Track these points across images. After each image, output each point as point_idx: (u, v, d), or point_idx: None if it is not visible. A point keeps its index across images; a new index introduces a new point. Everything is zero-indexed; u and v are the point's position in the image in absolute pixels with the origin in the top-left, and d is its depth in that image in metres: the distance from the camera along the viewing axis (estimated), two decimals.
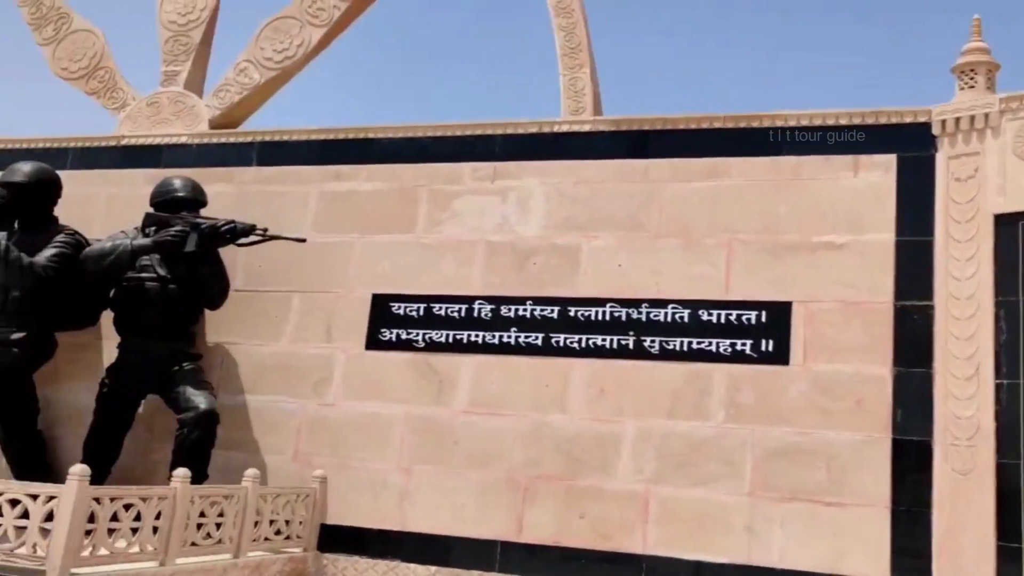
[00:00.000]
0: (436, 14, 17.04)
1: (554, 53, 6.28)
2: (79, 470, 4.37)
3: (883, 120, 5.37)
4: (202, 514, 5.06)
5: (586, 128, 6.00)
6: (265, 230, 6.02)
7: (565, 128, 6.05)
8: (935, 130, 5.27)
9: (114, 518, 4.54)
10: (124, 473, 6.22)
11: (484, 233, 6.04)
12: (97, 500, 4.48)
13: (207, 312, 6.40)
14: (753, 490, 5.15)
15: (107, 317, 6.44)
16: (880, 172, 5.32)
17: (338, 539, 5.88)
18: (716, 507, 5.19)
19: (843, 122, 5.45)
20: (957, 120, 5.18)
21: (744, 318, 5.38)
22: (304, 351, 6.24)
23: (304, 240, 6.10)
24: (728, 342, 5.38)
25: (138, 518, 4.66)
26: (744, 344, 5.35)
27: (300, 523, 5.78)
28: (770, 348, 5.29)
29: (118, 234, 6.27)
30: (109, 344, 6.48)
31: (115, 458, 6.16)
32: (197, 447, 5.77)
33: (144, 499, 4.73)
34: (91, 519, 4.41)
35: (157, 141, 7.13)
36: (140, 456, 6.40)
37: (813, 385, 5.17)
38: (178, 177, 6.43)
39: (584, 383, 5.60)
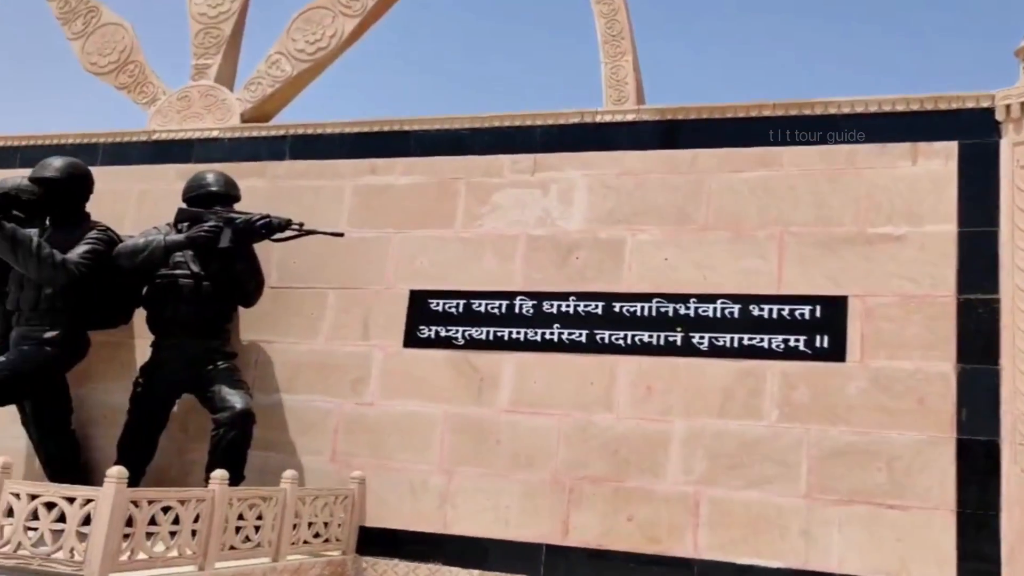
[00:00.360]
0: (470, 4, 16.73)
1: (595, 43, 6.09)
2: (116, 472, 4.25)
3: (943, 105, 5.14)
4: (240, 516, 4.94)
5: (630, 118, 5.81)
6: (301, 225, 5.88)
7: (608, 118, 5.86)
8: (999, 116, 5.03)
9: (152, 521, 4.42)
10: (159, 474, 6.12)
11: (525, 227, 5.87)
12: (135, 503, 4.36)
13: (240, 309, 6.28)
14: (809, 492, 4.96)
15: (140, 315, 6.33)
16: (940, 160, 5.09)
17: (377, 542, 5.73)
18: (771, 509, 5.00)
19: (900, 108, 5.22)
20: (1023, 104, 4.95)
21: (797, 313, 5.18)
22: (341, 349, 6.10)
23: (342, 234, 5.96)
24: (781, 338, 5.18)
25: (176, 521, 4.55)
26: (798, 340, 5.14)
27: (339, 525, 5.65)
28: (825, 344, 5.09)
29: (151, 230, 6.16)
30: (142, 343, 6.37)
31: (150, 458, 6.05)
32: (233, 448, 5.64)
33: (182, 502, 4.61)
34: (128, 522, 4.29)
35: (188, 135, 7.01)
36: (175, 456, 6.30)
37: (872, 383, 4.96)
38: (210, 171, 6.30)
39: (630, 381, 5.42)
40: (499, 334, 5.76)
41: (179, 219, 6.11)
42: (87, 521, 4.18)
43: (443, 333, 5.89)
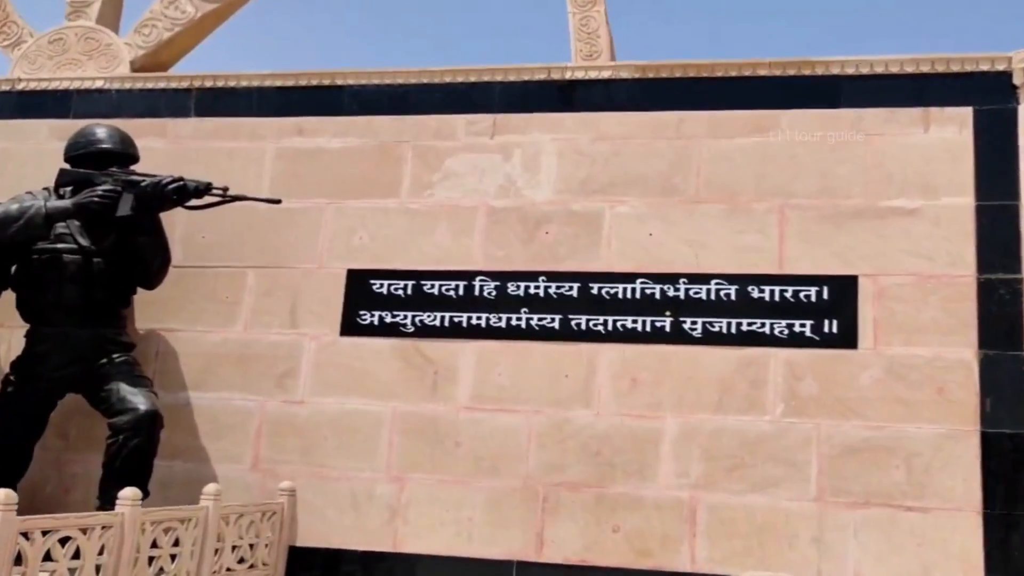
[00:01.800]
0: None
1: None
2: (3, 496, 3.34)
3: (955, 68, 4.72)
4: (154, 543, 4.05)
5: (605, 75, 5.14)
6: (225, 189, 4.91)
7: (580, 75, 5.17)
8: (1016, 79, 4.64)
9: (47, 556, 3.53)
10: (33, 491, 5.06)
11: (484, 197, 5.12)
12: (25, 535, 3.45)
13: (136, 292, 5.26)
14: (821, 495, 4.44)
15: (7, 299, 5.20)
16: (954, 127, 4.67)
17: (311, 564, 4.90)
18: (778, 515, 4.46)
19: (909, 70, 4.77)
20: None
21: (803, 295, 4.65)
22: (264, 338, 5.19)
23: (279, 201, 5.03)
24: (784, 323, 4.64)
25: (77, 555, 3.65)
26: (803, 325, 4.62)
27: (266, 546, 4.78)
28: (834, 329, 4.58)
29: (23, 195, 5.05)
30: (12, 333, 5.27)
31: (22, 473, 4.98)
32: (137, 458, 4.65)
33: (84, 530, 3.72)
34: (17, 560, 3.41)
35: (65, 86, 5.89)
36: (52, 469, 5.26)
37: (887, 372, 4.49)
38: (101, 126, 5.24)
39: (613, 372, 4.77)
40: (456, 320, 5.00)
41: (62, 182, 5.04)
42: None
43: (388, 319, 5.08)
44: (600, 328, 4.84)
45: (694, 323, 4.75)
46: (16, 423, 4.94)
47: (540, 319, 4.91)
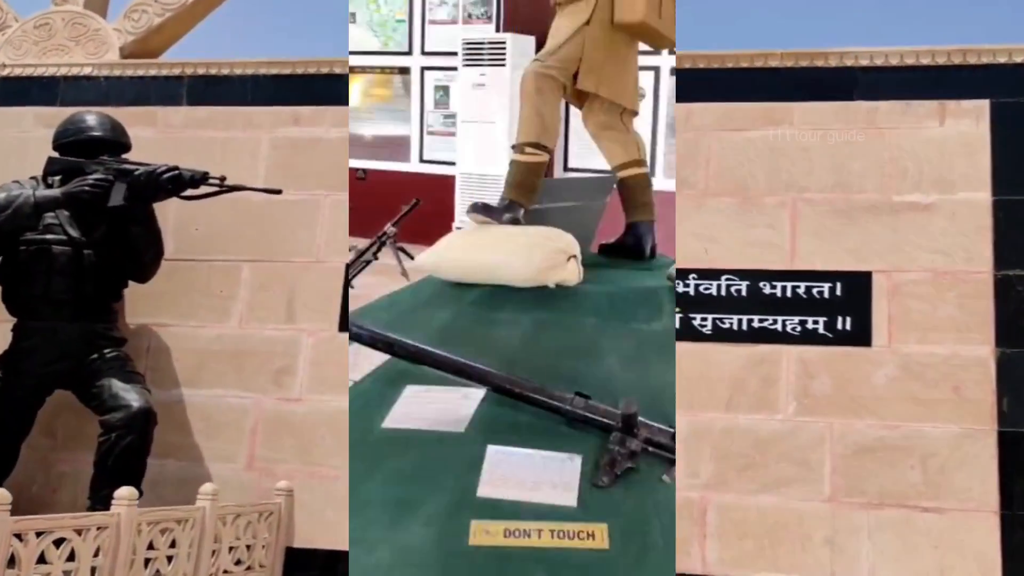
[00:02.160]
0: None
1: None
2: None
3: (972, 60, 4.62)
4: (150, 545, 3.91)
5: None
6: (223, 179, 4.75)
7: None
8: None
9: (40, 559, 3.38)
10: (19, 491, 4.75)
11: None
12: (19, 536, 3.30)
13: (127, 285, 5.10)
14: (834, 495, 4.35)
15: None
16: (970, 120, 4.58)
17: (309, 565, 4.75)
18: (790, 516, 4.36)
19: (925, 62, 4.68)
20: None
21: (815, 291, 4.55)
22: (259, 334, 5.03)
23: (280, 191, 4.87)
24: (797, 320, 4.54)
25: (72, 557, 3.52)
26: (816, 322, 4.52)
27: (263, 548, 4.63)
28: (848, 326, 4.49)
29: (10, 184, 4.87)
30: None
31: (9, 471, 4.79)
32: (130, 456, 4.48)
33: (79, 531, 3.58)
34: (11, 562, 3.26)
35: (51, 72, 5.71)
36: (39, 468, 5.09)
37: (902, 370, 4.40)
38: (91, 112, 5.07)
39: None
40: None
41: (51, 171, 4.85)
42: None
43: None
44: None
45: (704, 319, 4.64)
46: (5, 420, 4.76)
47: None
